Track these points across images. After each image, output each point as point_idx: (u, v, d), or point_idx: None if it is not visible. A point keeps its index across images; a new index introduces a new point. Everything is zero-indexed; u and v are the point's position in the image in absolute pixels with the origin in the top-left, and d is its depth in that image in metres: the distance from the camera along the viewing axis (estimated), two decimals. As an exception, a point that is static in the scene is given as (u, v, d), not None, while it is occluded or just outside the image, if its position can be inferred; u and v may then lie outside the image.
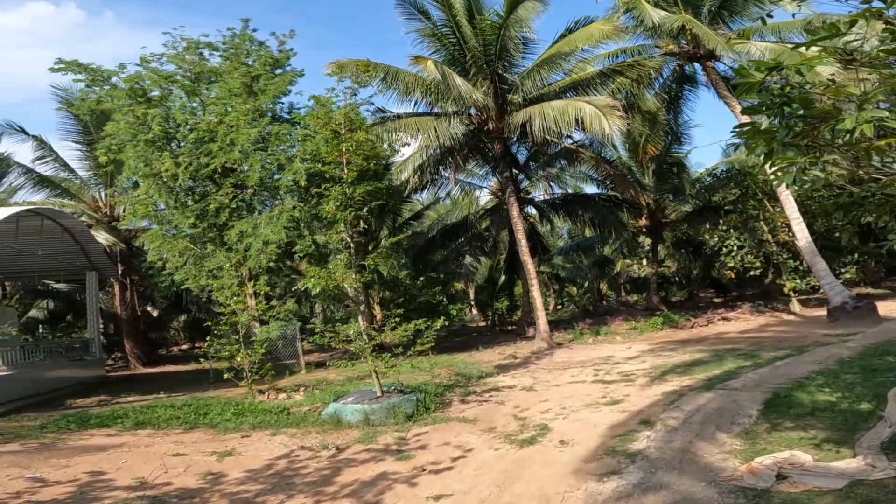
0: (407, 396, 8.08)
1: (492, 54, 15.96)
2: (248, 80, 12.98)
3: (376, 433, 7.08)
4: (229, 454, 6.29)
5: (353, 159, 8.52)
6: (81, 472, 5.38)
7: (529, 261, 16.59)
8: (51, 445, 6.68)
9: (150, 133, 12.34)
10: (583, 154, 19.41)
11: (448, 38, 16.68)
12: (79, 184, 19.20)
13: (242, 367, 10.51)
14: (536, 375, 10.98)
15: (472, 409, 8.18)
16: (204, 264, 12.79)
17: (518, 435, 6.42)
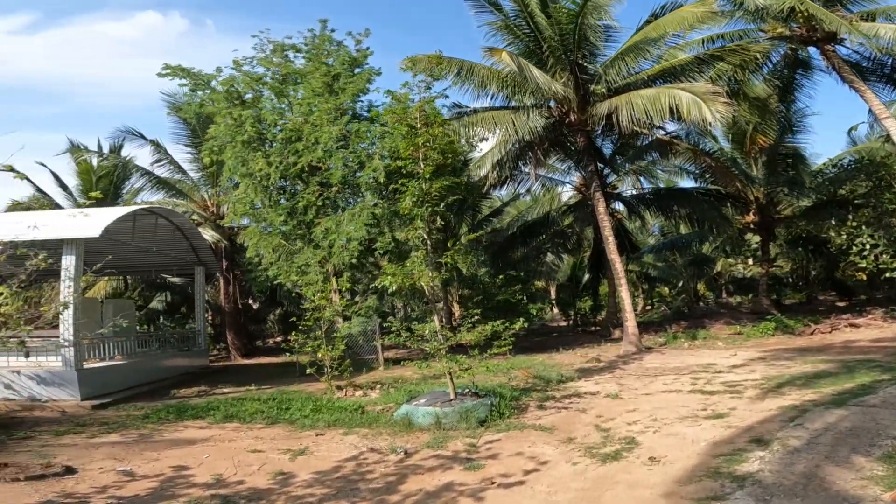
0: (481, 400, 7.83)
1: (569, 44, 15.13)
2: (328, 80, 13.37)
3: (446, 438, 6.87)
4: (302, 453, 6.40)
5: (429, 154, 8.39)
6: (167, 466, 5.64)
7: (617, 259, 15.69)
8: (148, 437, 7.17)
9: (244, 134, 13.03)
10: (678, 146, 17.88)
11: (521, 30, 16.05)
12: (190, 184, 20.64)
13: (324, 362, 10.81)
14: (623, 382, 10.25)
15: (550, 417, 7.72)
16: (294, 260, 13.33)
17: (600, 448, 5.92)
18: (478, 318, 8.40)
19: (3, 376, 10.04)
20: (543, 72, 14.82)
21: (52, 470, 5.32)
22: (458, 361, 7.89)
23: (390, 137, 12.17)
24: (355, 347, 15.09)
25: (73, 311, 9.85)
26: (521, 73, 14.09)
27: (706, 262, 26.26)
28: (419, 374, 13.66)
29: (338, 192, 13.47)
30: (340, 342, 10.99)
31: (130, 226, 12.34)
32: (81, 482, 5.19)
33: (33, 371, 9.95)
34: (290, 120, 13.01)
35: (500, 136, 15.86)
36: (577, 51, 15.26)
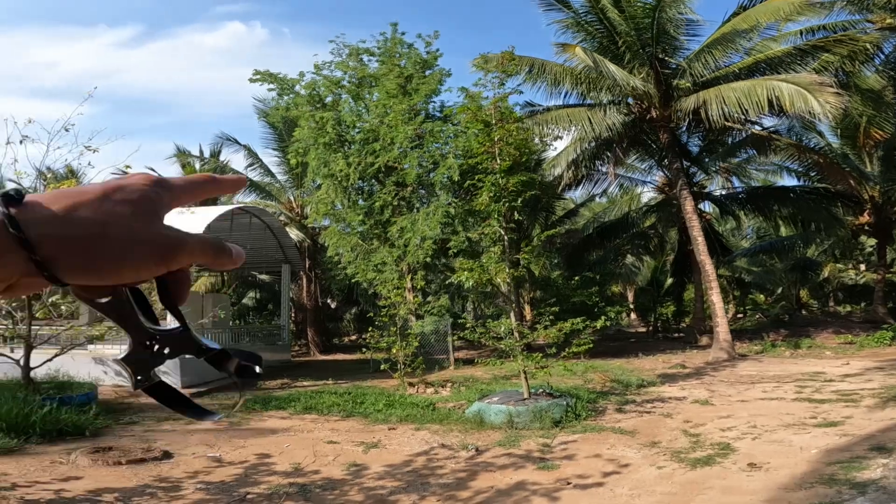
0: (556, 401, 7.60)
1: (647, 38, 14.41)
2: (402, 81, 13.63)
3: (519, 437, 6.78)
4: (374, 446, 6.50)
5: (504, 149, 8.29)
6: (252, 454, 5.92)
7: (708, 261, 14.68)
8: (237, 425, 7.59)
9: (326, 136, 13.50)
10: (777, 141, 16.42)
11: (593, 26, 15.48)
12: (277, 187, 21.81)
13: (397, 359, 10.99)
14: (714, 388, 9.67)
15: (631, 420, 7.42)
16: (370, 259, 13.70)
17: (689, 453, 5.59)
18: (554, 317, 8.19)
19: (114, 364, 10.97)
20: (620, 67, 14.26)
21: (151, 454, 5.70)
22: (535, 359, 7.72)
23: (464, 136, 12.23)
24: (427, 346, 15.23)
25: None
26: (597, 68, 13.60)
27: (811, 267, 23.89)
28: (490, 373, 13.68)
29: (412, 191, 13.75)
30: (414, 340, 11.11)
31: (228, 224, 13.29)
32: (176, 467, 5.55)
33: (141, 359, 10.82)
34: (367, 121, 13.36)
35: (575, 134, 15.39)
36: (656, 45, 14.52)
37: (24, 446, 5.87)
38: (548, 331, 7.92)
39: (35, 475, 4.90)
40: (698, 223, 15.05)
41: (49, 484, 4.66)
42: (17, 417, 6.07)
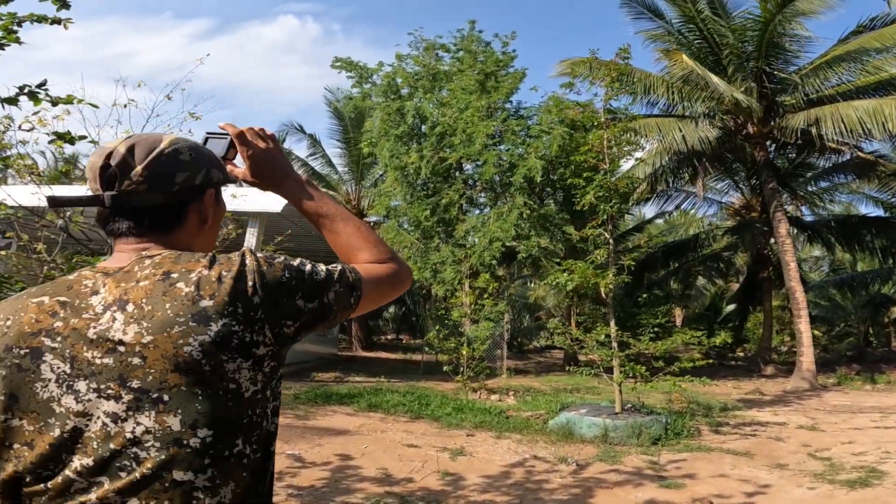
0: (655, 417, 6.84)
1: (753, 51, 13.55)
2: (481, 78, 13.23)
3: (617, 453, 6.11)
4: (460, 453, 5.84)
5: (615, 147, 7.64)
6: (332, 454, 5.38)
7: (799, 288, 13.48)
8: (303, 417, 7.04)
9: (401, 127, 13.16)
10: (883, 167, 15.22)
11: (688, 37, 14.69)
12: (337, 178, 21.60)
13: (461, 361, 10.34)
14: (813, 416, 8.97)
15: (736, 442, 6.83)
16: (429, 258, 13.14)
17: (834, 475, 5.14)
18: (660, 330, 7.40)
19: None
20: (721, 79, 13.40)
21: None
22: (638, 371, 6.92)
23: (549, 137, 11.70)
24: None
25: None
26: (698, 79, 12.77)
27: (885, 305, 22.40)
28: (548, 385, 12.99)
29: (481, 190, 13.25)
30: (482, 343, 10.46)
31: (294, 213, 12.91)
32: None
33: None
34: (446, 115, 12.88)
35: (656, 145, 14.51)
36: (764, 58, 13.60)
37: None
38: (655, 343, 7.11)
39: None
40: (792, 248, 13.92)
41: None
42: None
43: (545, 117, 12.23)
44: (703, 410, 9.26)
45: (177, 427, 0.76)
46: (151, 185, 0.87)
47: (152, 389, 0.77)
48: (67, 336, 0.79)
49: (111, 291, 0.82)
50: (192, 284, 0.80)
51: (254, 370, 0.81)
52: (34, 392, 0.78)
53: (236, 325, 0.80)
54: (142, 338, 0.78)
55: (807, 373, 13.26)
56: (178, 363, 0.77)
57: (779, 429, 7.81)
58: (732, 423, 8.18)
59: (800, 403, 10.61)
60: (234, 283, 0.81)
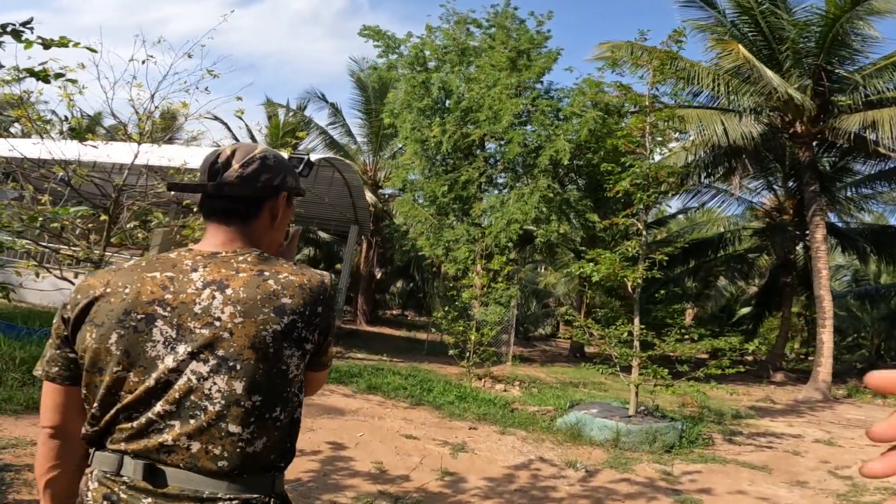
0: (672, 423, 6.39)
1: (813, 47, 12.68)
2: (513, 55, 12.66)
3: (628, 460, 5.69)
4: (462, 449, 5.44)
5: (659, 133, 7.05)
6: (323, 441, 4.93)
7: (827, 296, 12.79)
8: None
9: (424, 101, 12.71)
10: None
11: (741, 29, 13.78)
12: (355, 149, 21.28)
13: (467, 347, 9.95)
14: (828, 430, 8.66)
15: (752, 454, 6.47)
16: (442, 235, 12.78)
17: (857, 496, 4.97)
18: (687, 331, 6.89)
19: None
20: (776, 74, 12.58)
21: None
22: (661, 374, 6.46)
23: (578, 120, 11.18)
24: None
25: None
26: (751, 72, 11.92)
27: None
28: (553, 376, 12.58)
29: (503, 170, 12.83)
30: (491, 329, 10.06)
31: (313, 176, 12.50)
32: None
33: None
34: (473, 90, 12.34)
35: (692, 138, 13.79)
36: (825, 56, 12.72)
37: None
38: (681, 345, 6.61)
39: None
40: (826, 255, 13.20)
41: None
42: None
43: (577, 99, 11.71)
44: (715, 417, 8.86)
45: (239, 391, 0.97)
46: (244, 180, 1.08)
47: (230, 359, 0.97)
48: (176, 307, 0.98)
49: (211, 272, 1.02)
50: (279, 284, 1.02)
51: (300, 358, 1.03)
52: (144, 350, 0.97)
53: (300, 323, 1.02)
54: (234, 318, 0.98)
55: (822, 383, 12.84)
56: (254, 342, 0.98)
57: (795, 442, 7.52)
58: (746, 433, 7.86)
59: (813, 415, 10.31)
60: (309, 292, 1.04)
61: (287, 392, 1.02)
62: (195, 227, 7.05)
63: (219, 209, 1.09)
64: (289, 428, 1.04)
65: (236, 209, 1.09)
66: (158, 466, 0.95)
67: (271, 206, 1.13)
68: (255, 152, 1.11)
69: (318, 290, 1.06)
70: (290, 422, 1.04)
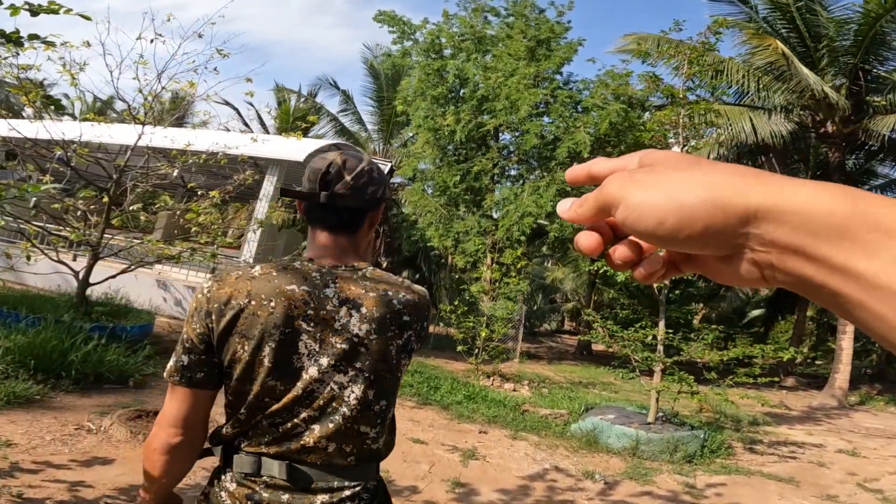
0: (694, 432, 6.05)
1: (851, 46, 12.20)
2: (532, 45, 12.24)
3: (648, 471, 5.36)
4: (472, 456, 5.11)
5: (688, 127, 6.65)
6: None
7: None
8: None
9: (438, 89, 12.39)
10: None
11: (774, 25, 13.27)
12: (365, 137, 20.97)
13: (476, 343, 9.62)
14: (849, 438, 8.44)
15: (777, 465, 6.18)
16: (452, 226, 12.45)
17: None
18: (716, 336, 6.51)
19: (178, 290, 9.82)
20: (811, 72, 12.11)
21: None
22: (687, 381, 6.08)
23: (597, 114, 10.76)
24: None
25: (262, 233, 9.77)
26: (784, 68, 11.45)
27: None
28: (561, 375, 12.26)
29: (517, 162, 12.45)
30: (503, 325, 9.73)
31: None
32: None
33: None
34: (490, 78, 11.92)
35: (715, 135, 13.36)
36: (862, 55, 12.25)
37: (50, 395, 4.41)
38: (710, 351, 6.23)
39: (49, 448, 3.43)
40: None
41: (65, 469, 3.14)
42: (53, 353, 4.55)
43: (599, 91, 11.26)
44: (732, 423, 8.53)
45: (371, 397, 1.09)
46: (354, 192, 1.14)
47: (366, 370, 1.09)
48: (318, 323, 1.07)
49: (343, 290, 1.11)
50: (401, 304, 1.14)
51: (407, 364, 1.17)
52: (291, 361, 1.06)
53: (414, 336, 1.16)
54: (370, 335, 1.09)
55: (838, 390, 12.59)
56: (384, 355, 1.11)
57: (818, 452, 7.25)
58: (766, 441, 7.57)
59: (831, 423, 10.03)
60: (420, 310, 1.17)
61: (395, 395, 1.17)
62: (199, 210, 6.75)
63: (330, 219, 1.15)
64: (393, 424, 1.19)
65: (347, 220, 1.16)
66: (296, 466, 1.05)
67: (372, 216, 1.21)
68: (363, 165, 1.15)
69: (425, 307, 1.18)
70: (392, 418, 1.19)
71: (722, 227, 0.26)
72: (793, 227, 0.25)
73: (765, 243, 0.26)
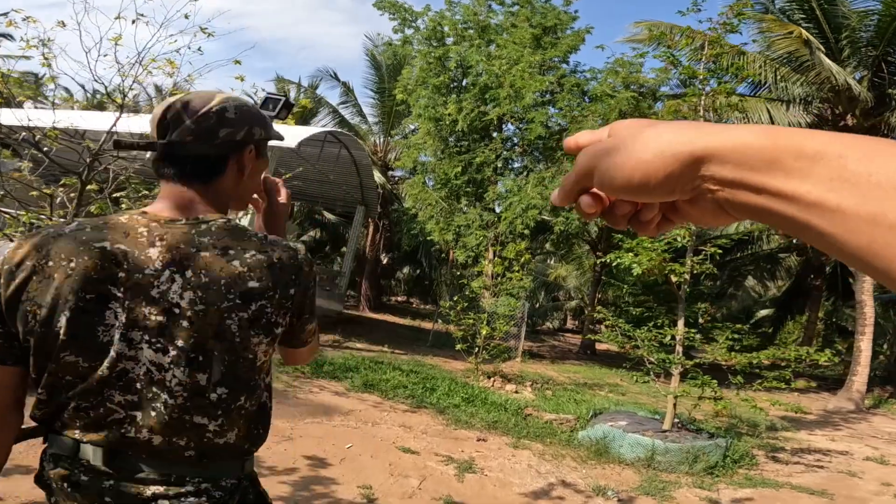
0: (715, 441, 5.49)
1: (873, 37, 11.73)
2: (538, 33, 11.81)
3: (666, 484, 4.82)
4: (469, 468, 4.56)
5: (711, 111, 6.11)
6: (302, 454, 4.02)
7: (870, 303, 11.79)
8: (282, 394, 5.77)
9: (440, 77, 11.98)
10: None
11: (791, 17, 12.78)
12: (366, 129, 20.55)
13: (476, 342, 9.06)
14: (873, 444, 7.93)
15: (805, 476, 5.70)
16: (453, 220, 12.06)
17: None
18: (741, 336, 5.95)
19: None
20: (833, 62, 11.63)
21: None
22: (711, 386, 5.51)
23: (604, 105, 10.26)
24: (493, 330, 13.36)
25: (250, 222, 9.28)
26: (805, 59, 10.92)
27: None
28: (565, 376, 11.69)
29: (522, 153, 11.95)
30: (504, 322, 9.20)
31: (318, 151, 11.67)
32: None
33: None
34: (494, 65, 11.46)
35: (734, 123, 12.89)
36: (884, 46, 11.78)
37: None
38: (735, 354, 5.66)
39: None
40: None
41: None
42: None
43: (608, 79, 10.82)
44: (748, 428, 7.97)
45: (203, 382, 0.90)
46: (197, 137, 0.95)
47: (192, 350, 0.89)
48: (130, 289, 0.88)
49: (169, 249, 0.89)
50: (245, 265, 0.91)
51: (268, 344, 0.95)
52: (95, 334, 0.87)
53: (269, 308, 0.93)
54: (195, 305, 0.88)
55: (855, 393, 12.11)
56: (217, 332, 0.89)
57: (845, 460, 6.75)
58: (789, 449, 7.04)
59: (850, 427, 9.54)
60: (280, 272, 0.94)
61: (255, 381, 0.96)
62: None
63: (173, 170, 0.97)
64: (256, 415, 0.98)
65: (194, 169, 0.97)
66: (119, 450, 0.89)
67: (237, 161, 1.01)
68: (212, 104, 0.96)
69: (291, 268, 0.96)
70: (257, 409, 0.98)
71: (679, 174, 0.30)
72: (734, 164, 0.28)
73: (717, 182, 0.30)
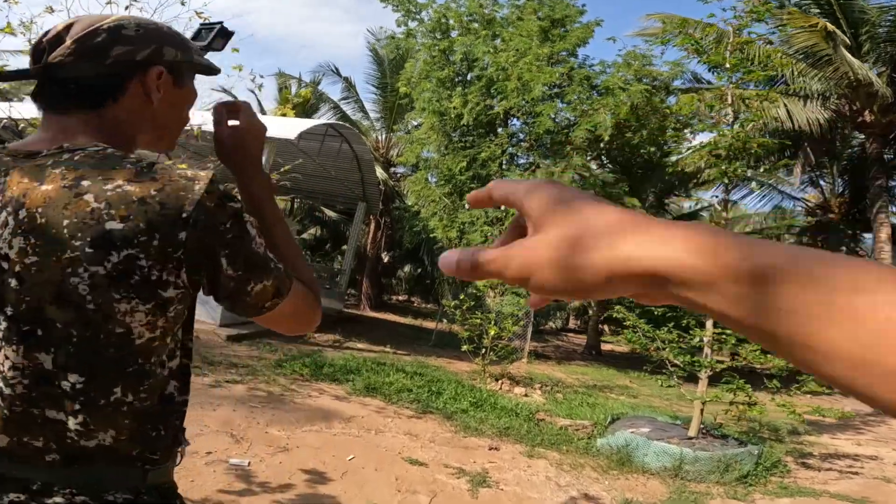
0: (748, 448, 5.08)
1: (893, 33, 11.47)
2: (546, 25, 11.45)
3: (697, 495, 4.46)
4: (483, 482, 4.14)
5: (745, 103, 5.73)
6: (298, 468, 3.62)
7: None
8: (278, 398, 5.37)
9: (444, 70, 11.67)
10: None
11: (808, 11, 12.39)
12: (368, 125, 20.25)
13: (483, 343, 8.65)
14: None
15: (840, 483, 5.39)
16: (457, 216, 11.64)
17: None
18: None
19: None
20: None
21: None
22: (746, 391, 5.10)
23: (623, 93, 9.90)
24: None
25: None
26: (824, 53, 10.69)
27: None
28: (573, 377, 11.30)
29: (529, 148, 11.56)
30: (512, 323, 8.80)
31: (318, 146, 11.28)
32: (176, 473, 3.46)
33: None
34: (501, 57, 11.09)
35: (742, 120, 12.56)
36: None
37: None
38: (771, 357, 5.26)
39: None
40: (890, 257, 12.03)
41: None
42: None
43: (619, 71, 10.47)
44: (772, 433, 7.55)
45: (48, 366, 0.66)
46: (79, 56, 0.75)
47: (24, 321, 0.65)
48: None
49: (13, 184, 0.67)
50: (102, 200, 0.64)
51: (154, 314, 0.68)
52: None
53: (144, 259, 0.65)
54: (25, 256, 0.64)
55: None
56: (59, 294, 0.64)
57: (877, 465, 6.39)
58: (818, 455, 6.64)
59: (871, 430, 9.20)
60: (161, 208, 0.65)
61: (137, 365, 0.69)
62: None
63: (48, 100, 0.76)
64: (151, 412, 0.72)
65: (77, 92, 0.75)
66: None
67: (141, 84, 0.78)
68: (105, 22, 0.76)
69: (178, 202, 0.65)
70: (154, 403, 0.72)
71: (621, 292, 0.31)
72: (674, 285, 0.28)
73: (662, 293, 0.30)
